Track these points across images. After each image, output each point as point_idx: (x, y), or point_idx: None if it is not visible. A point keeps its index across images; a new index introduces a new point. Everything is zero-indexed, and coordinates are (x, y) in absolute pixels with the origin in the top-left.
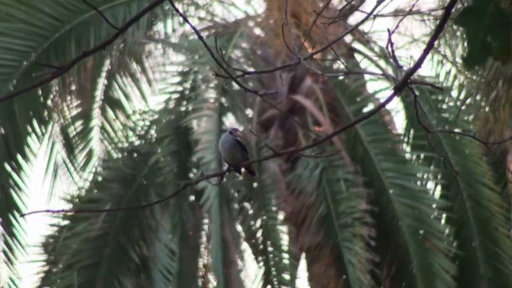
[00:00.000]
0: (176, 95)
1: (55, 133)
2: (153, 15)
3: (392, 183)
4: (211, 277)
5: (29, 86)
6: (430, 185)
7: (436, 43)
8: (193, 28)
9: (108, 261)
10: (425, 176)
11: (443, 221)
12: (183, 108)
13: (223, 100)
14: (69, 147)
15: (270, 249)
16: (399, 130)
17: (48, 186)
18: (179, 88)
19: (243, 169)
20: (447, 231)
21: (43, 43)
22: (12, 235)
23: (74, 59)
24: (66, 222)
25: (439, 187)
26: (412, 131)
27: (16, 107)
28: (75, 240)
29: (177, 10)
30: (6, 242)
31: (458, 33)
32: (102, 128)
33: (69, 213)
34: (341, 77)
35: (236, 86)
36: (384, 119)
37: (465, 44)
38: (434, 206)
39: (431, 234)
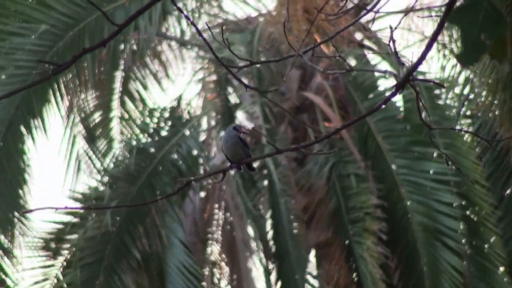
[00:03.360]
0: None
1: (75, 125)
2: (165, 12)
3: (405, 179)
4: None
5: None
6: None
7: (443, 38)
8: (197, 29)
9: (109, 258)
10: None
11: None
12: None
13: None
14: (91, 139)
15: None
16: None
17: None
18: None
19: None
20: (458, 227)
21: (58, 41)
22: (14, 232)
23: (74, 56)
24: (71, 218)
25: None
26: (408, 126)
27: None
28: (80, 237)
29: (180, 11)
30: (8, 239)
31: None
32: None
33: (74, 210)
34: (349, 73)
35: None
36: (399, 115)
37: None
38: (446, 203)
39: (441, 231)
